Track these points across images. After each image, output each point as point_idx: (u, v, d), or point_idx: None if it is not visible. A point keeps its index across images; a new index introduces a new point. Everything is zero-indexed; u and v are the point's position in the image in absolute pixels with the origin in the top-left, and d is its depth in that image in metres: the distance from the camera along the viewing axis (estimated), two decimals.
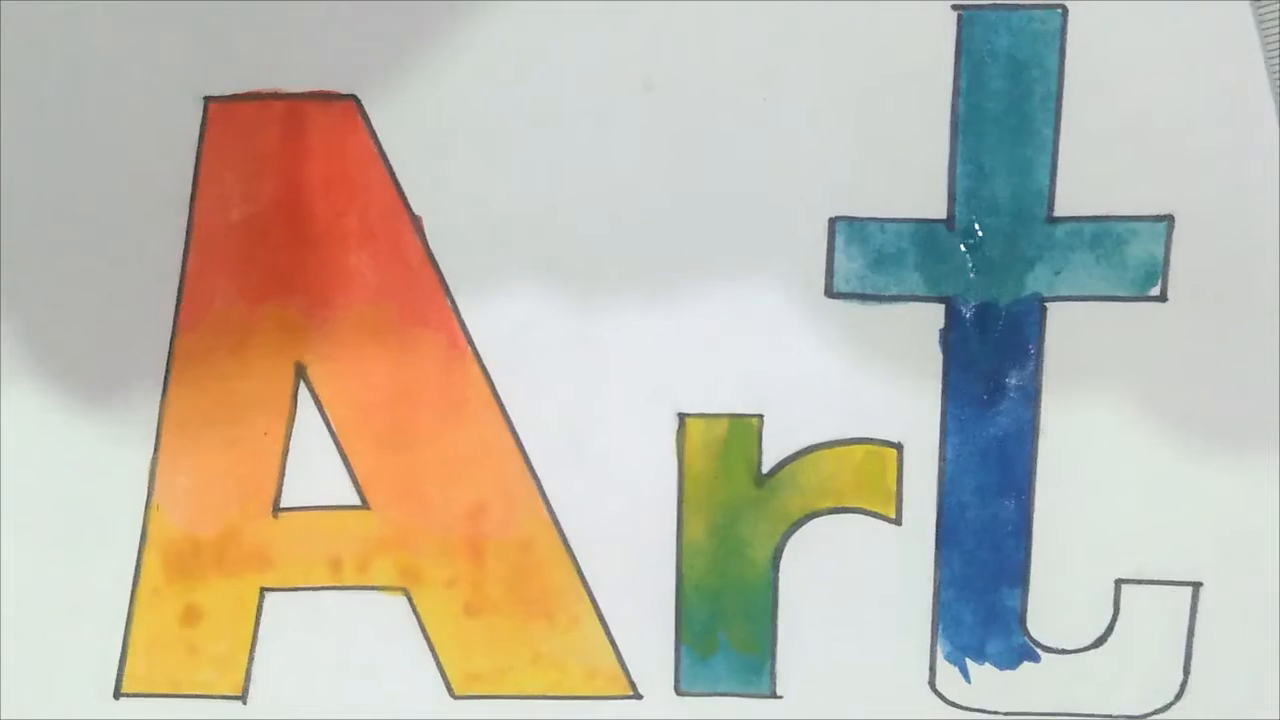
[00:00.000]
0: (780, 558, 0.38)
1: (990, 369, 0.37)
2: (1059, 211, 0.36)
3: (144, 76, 0.36)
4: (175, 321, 0.38)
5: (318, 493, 0.39)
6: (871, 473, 0.38)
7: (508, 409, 0.38)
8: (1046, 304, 0.36)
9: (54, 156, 0.37)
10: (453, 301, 0.37)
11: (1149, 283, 0.36)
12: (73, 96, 0.36)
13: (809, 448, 0.38)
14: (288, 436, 0.38)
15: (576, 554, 0.39)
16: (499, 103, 0.36)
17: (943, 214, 0.36)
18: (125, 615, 0.39)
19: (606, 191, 0.36)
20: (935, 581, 0.38)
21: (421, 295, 0.37)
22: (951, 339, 0.37)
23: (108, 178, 0.37)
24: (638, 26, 0.35)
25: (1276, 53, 0.34)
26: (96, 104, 0.36)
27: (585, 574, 0.39)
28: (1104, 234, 0.36)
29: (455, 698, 0.40)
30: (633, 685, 0.39)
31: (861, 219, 0.36)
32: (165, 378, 0.38)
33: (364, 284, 0.37)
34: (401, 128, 0.36)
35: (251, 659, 0.40)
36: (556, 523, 0.38)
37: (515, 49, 0.36)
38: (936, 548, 0.38)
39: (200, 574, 0.39)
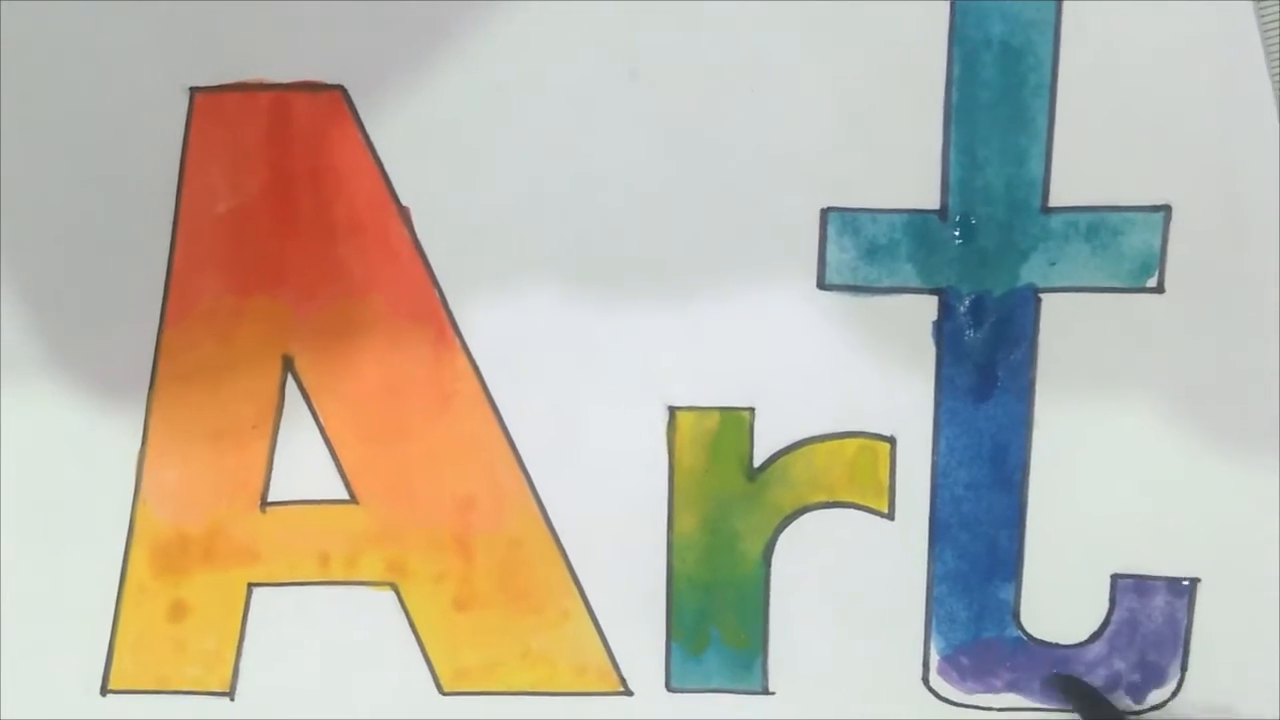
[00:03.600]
0: (772, 552, 0.38)
1: (984, 361, 0.36)
2: (1054, 202, 0.35)
3: (129, 67, 0.36)
4: (162, 314, 0.37)
5: (306, 487, 0.38)
6: (864, 466, 0.37)
7: (497, 402, 0.38)
8: (1041, 295, 0.36)
9: (40, 149, 0.37)
10: (441, 294, 0.37)
11: (1145, 274, 0.36)
12: (58, 88, 0.36)
13: (801, 441, 0.37)
14: (275, 430, 0.38)
15: (566, 548, 0.38)
16: (486, 93, 0.36)
17: (936, 204, 0.36)
18: (112, 611, 0.39)
19: (594, 183, 0.36)
20: (928, 576, 0.38)
21: (410, 287, 0.37)
22: (945, 331, 0.36)
23: (94, 170, 0.37)
24: (624, 16, 0.35)
25: (1277, 49, 0.34)
26: (82, 95, 0.36)
27: (575, 569, 0.38)
28: (1099, 224, 0.35)
29: (444, 694, 0.39)
30: (623, 681, 0.39)
31: (854, 210, 0.36)
32: (153, 371, 0.38)
33: (352, 276, 0.37)
34: (389, 118, 0.36)
35: (239, 655, 0.39)
36: (546, 517, 0.38)
37: (501, 38, 0.35)
38: (929, 542, 0.38)
39: (187, 569, 0.39)
